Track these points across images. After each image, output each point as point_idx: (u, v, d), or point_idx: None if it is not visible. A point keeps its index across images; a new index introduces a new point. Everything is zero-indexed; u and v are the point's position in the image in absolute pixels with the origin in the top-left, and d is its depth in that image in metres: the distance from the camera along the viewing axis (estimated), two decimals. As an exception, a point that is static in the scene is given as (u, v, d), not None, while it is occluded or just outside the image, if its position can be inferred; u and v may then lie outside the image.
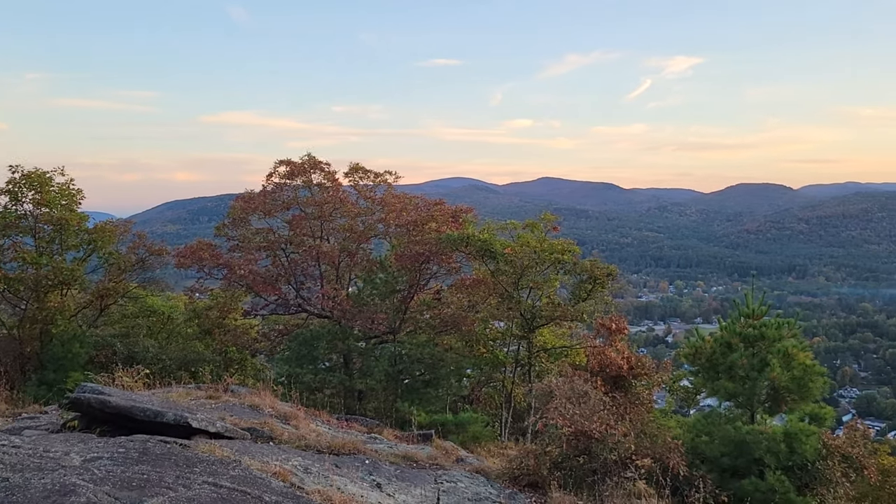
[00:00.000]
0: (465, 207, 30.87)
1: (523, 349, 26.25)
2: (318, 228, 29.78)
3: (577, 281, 25.68)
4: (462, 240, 24.86)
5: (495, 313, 26.74)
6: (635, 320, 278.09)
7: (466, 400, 28.38)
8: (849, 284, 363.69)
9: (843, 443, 14.12)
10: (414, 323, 28.41)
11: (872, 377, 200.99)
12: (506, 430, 24.04)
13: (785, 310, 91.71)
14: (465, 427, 20.43)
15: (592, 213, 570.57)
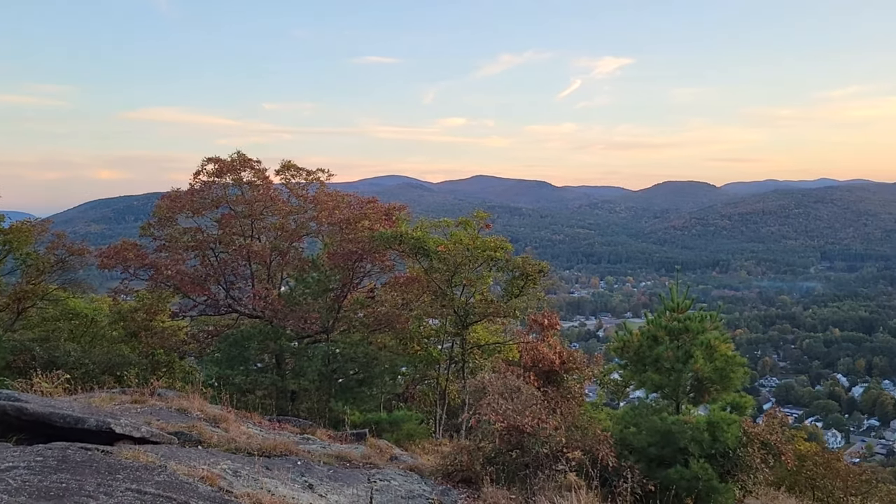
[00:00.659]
0: (399, 205, 30.81)
1: (457, 346, 26.41)
2: (249, 227, 29.22)
3: (509, 278, 25.97)
4: (395, 238, 24.81)
5: (429, 311, 26.81)
6: (568, 315, 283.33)
7: (401, 398, 28.36)
8: (768, 278, 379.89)
9: (762, 430, 14.73)
10: (348, 322, 28.21)
11: (791, 367, 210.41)
12: (440, 427, 24.15)
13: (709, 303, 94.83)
14: (400, 425, 20.42)
15: (526, 211, 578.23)
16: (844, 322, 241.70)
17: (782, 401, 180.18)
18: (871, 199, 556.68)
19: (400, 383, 29.16)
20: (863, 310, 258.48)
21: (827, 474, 22.26)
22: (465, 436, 19.27)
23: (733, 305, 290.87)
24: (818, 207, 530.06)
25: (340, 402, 22.58)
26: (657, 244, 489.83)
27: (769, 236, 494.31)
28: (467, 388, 17.28)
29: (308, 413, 24.56)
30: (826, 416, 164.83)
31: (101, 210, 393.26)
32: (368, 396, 24.62)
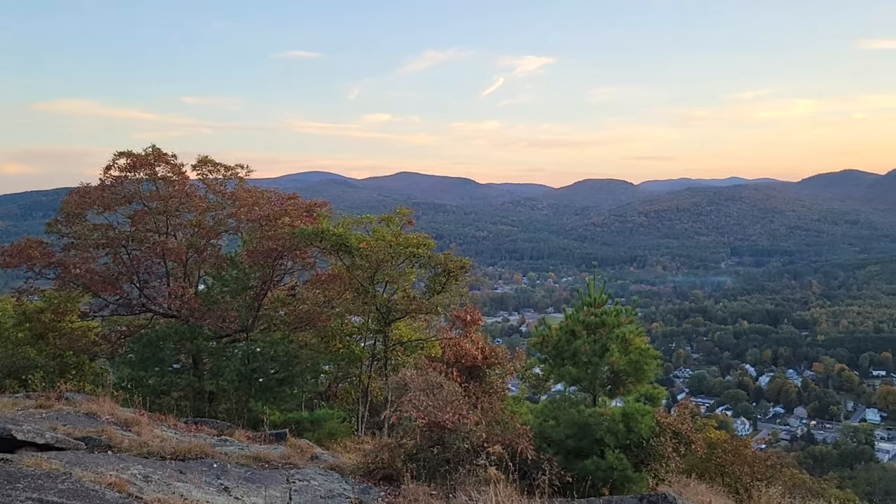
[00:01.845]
0: (321, 202, 30.40)
1: (380, 343, 26.30)
2: (164, 224, 28.22)
3: (432, 274, 26.03)
4: (316, 234, 24.48)
5: (351, 308, 26.58)
6: (491, 311, 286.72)
7: (323, 397, 28.05)
8: (682, 273, 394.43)
9: (674, 420, 15.25)
10: (268, 320, 27.67)
11: (703, 358, 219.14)
12: (363, 425, 24.00)
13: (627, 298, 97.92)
14: (322, 424, 20.19)
15: (450, 208, 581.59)
16: (752, 314, 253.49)
17: (695, 391, 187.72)
18: (776, 198, 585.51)
19: (322, 382, 28.82)
20: (769, 303, 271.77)
21: (735, 461, 23.15)
22: (388, 433, 19.21)
23: (649, 300, 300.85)
24: (728, 205, 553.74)
25: (260, 402, 22.13)
26: (578, 241, 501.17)
27: (683, 233, 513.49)
28: (389, 385, 17.24)
29: (226, 414, 23.97)
30: (735, 405, 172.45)
31: (6, 206, 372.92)
32: (289, 396, 24.23)
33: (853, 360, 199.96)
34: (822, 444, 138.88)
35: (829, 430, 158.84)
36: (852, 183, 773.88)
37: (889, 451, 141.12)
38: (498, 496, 10.38)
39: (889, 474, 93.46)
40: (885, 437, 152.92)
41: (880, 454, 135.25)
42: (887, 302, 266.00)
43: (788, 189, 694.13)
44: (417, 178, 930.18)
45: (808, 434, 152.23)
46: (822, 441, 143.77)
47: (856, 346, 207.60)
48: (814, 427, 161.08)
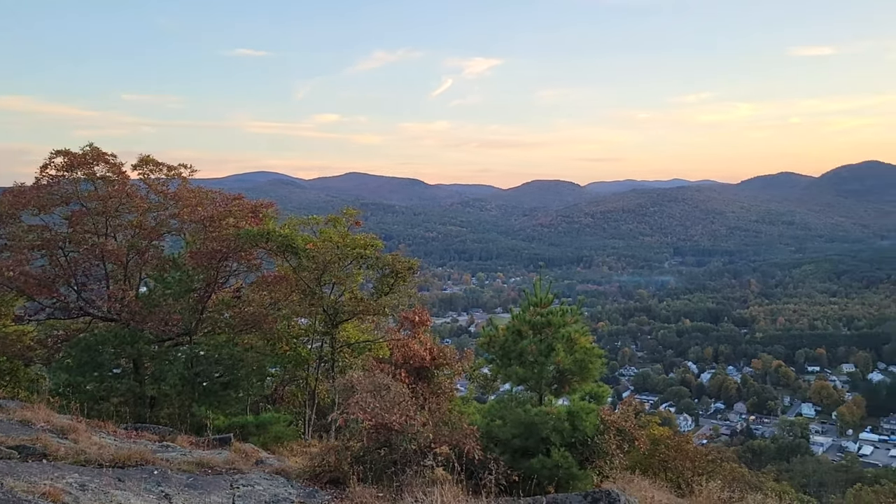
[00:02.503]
0: (266, 202, 29.96)
1: (327, 345, 26.08)
2: (103, 225, 27.40)
3: (379, 275, 25.95)
4: (262, 235, 24.15)
5: (298, 310, 26.29)
6: (440, 312, 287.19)
7: (269, 400, 27.66)
8: (628, 273, 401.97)
9: (618, 418, 15.50)
10: (212, 323, 27.14)
11: (647, 356, 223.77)
12: (310, 428, 23.77)
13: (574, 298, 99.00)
14: (267, 428, 19.92)
15: (399, 208, 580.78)
16: (694, 313, 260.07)
17: (640, 388, 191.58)
18: (717, 199, 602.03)
19: (268, 385, 28.42)
20: (710, 301, 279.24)
21: (678, 456, 23.74)
22: (335, 436, 19.08)
23: (596, 299, 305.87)
24: (671, 206, 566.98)
25: (204, 407, 21.69)
26: (526, 241, 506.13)
27: (628, 233, 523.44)
28: (336, 387, 17.11)
29: (169, 419, 23.44)
30: (678, 402, 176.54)
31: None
32: (234, 399, 23.83)
33: (790, 357, 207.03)
34: (760, 438, 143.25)
35: (767, 424, 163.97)
36: (788, 185, 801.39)
37: (823, 444, 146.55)
38: (443, 497, 10.41)
39: (823, 466, 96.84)
40: (819, 431, 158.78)
41: (815, 447, 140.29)
42: (821, 300, 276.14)
43: (728, 191, 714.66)
44: (366, 178, 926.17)
45: (748, 429, 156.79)
46: (761, 435, 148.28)
47: (792, 343, 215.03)
48: (753, 422, 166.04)
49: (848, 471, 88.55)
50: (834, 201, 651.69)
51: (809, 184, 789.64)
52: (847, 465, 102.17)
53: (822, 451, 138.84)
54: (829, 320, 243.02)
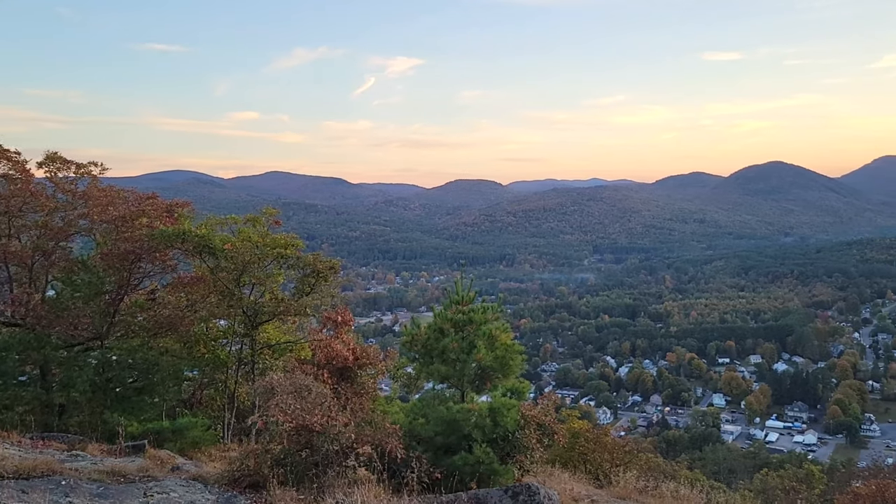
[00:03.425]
0: (182, 201, 29.02)
1: (247, 347, 25.53)
2: (6, 225, 25.95)
3: (300, 275, 25.57)
4: (177, 236, 23.40)
5: (216, 311, 25.60)
6: (364, 312, 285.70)
7: (187, 404, 26.82)
8: (549, 271, 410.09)
9: (538, 413, 15.80)
10: (125, 326, 26.09)
11: (568, 352, 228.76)
12: (229, 432, 23.22)
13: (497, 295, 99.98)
14: (184, 433, 19.33)
15: (322, 208, 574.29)
16: (613, 309, 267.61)
17: (561, 383, 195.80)
18: (633, 198, 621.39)
19: (185, 389, 27.56)
20: (628, 297, 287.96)
21: (596, 448, 24.39)
22: (255, 439, 18.72)
23: (518, 297, 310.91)
24: (590, 205, 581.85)
25: (116, 413, 20.85)
26: (450, 240, 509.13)
27: (549, 232, 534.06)
28: (256, 389, 16.78)
29: (79, 427, 22.40)
30: (598, 395, 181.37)
31: None
32: (149, 405, 22.99)
33: (702, 350, 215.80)
34: (675, 428, 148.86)
35: (681, 415, 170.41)
36: (699, 184, 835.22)
37: (733, 433, 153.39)
38: (363, 496, 10.38)
39: (733, 454, 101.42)
40: (729, 420, 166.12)
41: (725, 435, 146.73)
42: (730, 294, 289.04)
43: (644, 190, 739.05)
44: (288, 177, 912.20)
45: (663, 420, 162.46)
46: (675, 426, 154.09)
47: (704, 336, 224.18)
48: (668, 413, 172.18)
49: (755, 457, 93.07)
50: (741, 200, 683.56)
51: (719, 183, 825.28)
52: (755, 451, 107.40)
53: (732, 439, 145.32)
54: (737, 314, 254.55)
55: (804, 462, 71.52)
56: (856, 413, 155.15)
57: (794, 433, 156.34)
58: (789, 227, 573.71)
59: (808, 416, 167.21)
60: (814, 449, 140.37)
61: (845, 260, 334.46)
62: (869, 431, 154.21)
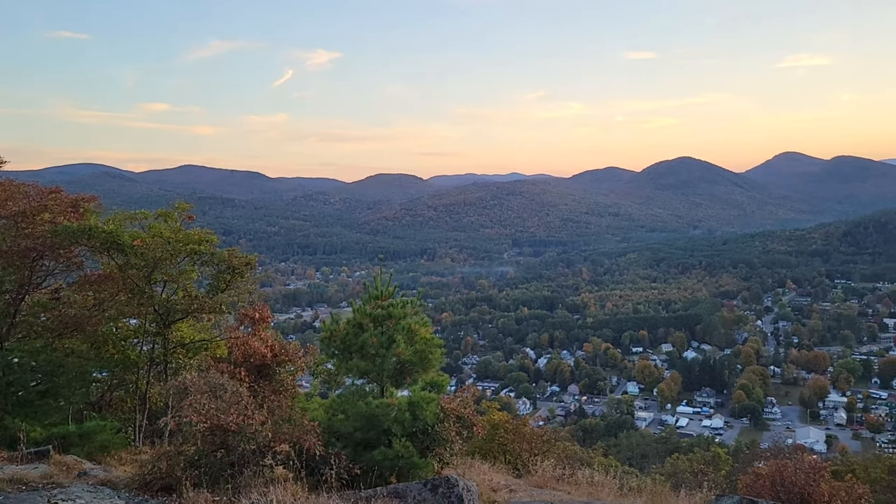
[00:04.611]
0: (89, 196, 27.74)
1: (159, 346, 24.72)
2: None
3: (215, 272, 24.92)
4: (83, 232, 22.38)
5: (126, 310, 24.64)
6: (284, 308, 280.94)
7: (95, 407, 25.75)
8: (469, 264, 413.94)
9: (457, 405, 15.98)
10: (27, 327, 24.79)
11: (489, 344, 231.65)
12: (140, 435, 22.45)
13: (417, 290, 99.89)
14: (92, 437, 18.57)
15: (239, 202, 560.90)
16: (532, 301, 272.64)
17: (482, 376, 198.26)
18: (551, 192, 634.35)
19: (93, 391, 26.45)
20: (546, 290, 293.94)
21: (516, 439, 24.81)
22: (168, 441, 18.17)
23: (440, 290, 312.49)
24: (510, 199, 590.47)
25: (18, 419, 19.83)
26: (371, 234, 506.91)
27: (469, 226, 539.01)
28: (169, 389, 16.30)
29: (-23, 435, 21.21)
30: (518, 387, 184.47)
31: None
32: (54, 409, 21.95)
33: (616, 339, 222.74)
34: (591, 416, 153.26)
35: (597, 403, 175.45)
36: (614, 179, 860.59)
37: (646, 419, 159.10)
38: (279, 496, 10.27)
39: (646, 439, 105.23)
40: (642, 407, 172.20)
41: (639, 422, 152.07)
42: (643, 286, 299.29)
43: (561, 184, 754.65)
44: (203, 171, 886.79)
45: (580, 409, 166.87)
46: (592, 414, 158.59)
47: (619, 327, 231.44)
48: (584, 402, 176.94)
49: (667, 442, 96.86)
50: (653, 194, 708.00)
51: (632, 178, 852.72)
52: (666, 436, 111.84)
53: (645, 425, 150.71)
54: (650, 304, 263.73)
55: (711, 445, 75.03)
56: (759, 397, 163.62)
57: (703, 418, 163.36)
58: (698, 220, 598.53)
59: (716, 400, 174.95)
60: (721, 432, 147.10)
61: (749, 251, 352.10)
62: (771, 414, 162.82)
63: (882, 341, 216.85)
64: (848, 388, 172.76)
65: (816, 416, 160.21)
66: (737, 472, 28.99)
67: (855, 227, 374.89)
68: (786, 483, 14.92)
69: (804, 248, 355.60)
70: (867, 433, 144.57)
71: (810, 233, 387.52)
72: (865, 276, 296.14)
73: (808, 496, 14.54)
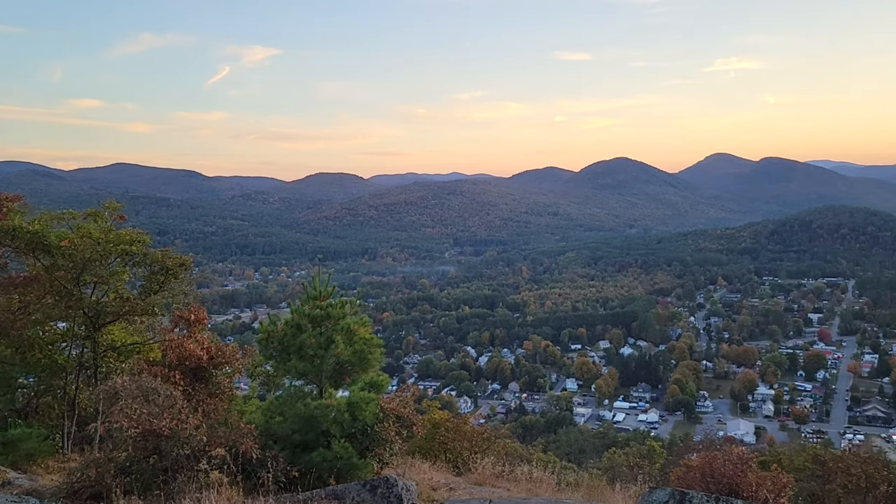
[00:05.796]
0: (12, 195, 26.58)
1: (88, 350, 23.90)
2: None
3: (148, 273, 24.23)
4: (6, 232, 21.47)
5: (53, 313, 23.72)
6: (222, 309, 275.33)
7: (20, 414, 24.74)
8: (411, 264, 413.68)
9: (396, 405, 15.98)
10: (-55, 333, 23.67)
11: (430, 343, 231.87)
12: (69, 442, 21.68)
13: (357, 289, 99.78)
14: (17, 445, 17.88)
15: (175, 202, 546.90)
16: (473, 300, 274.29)
17: (424, 375, 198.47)
18: (492, 192, 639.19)
19: (19, 397, 25.41)
20: (487, 289, 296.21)
21: (456, 437, 24.89)
22: (98, 447, 17.62)
23: (381, 290, 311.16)
24: (451, 199, 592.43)
25: (-64, 429, 18.93)
26: (311, 234, 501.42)
27: (411, 225, 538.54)
28: (99, 394, 15.80)
29: None
30: (459, 385, 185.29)
31: None
32: (-24, 417, 21.03)
33: (556, 337, 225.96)
34: (531, 413, 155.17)
35: (537, 400, 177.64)
36: (553, 179, 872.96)
37: (584, 415, 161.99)
38: (212, 501, 10.09)
39: (584, 435, 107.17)
40: (581, 403, 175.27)
41: (577, 418, 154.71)
42: (582, 284, 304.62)
43: (502, 184, 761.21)
44: (137, 169, 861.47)
45: (521, 406, 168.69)
46: (532, 411, 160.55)
47: (558, 324, 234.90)
48: (525, 399, 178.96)
49: (604, 437, 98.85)
50: (591, 194, 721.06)
51: (571, 178, 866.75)
52: (604, 431, 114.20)
53: (583, 420, 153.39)
54: (588, 302, 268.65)
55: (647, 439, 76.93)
56: (692, 391, 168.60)
57: (639, 412, 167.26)
58: (634, 220, 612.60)
59: (651, 395, 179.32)
60: (656, 426, 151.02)
61: (682, 249, 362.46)
62: (703, 407, 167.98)
63: (807, 335, 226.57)
64: (775, 380, 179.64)
65: (746, 408, 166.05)
66: (671, 465, 29.80)
67: (781, 225, 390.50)
68: (715, 474, 15.46)
69: (734, 246, 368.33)
70: (793, 424, 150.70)
71: (740, 231, 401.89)
72: (791, 272, 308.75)
73: (736, 486, 15.09)
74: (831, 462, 23.32)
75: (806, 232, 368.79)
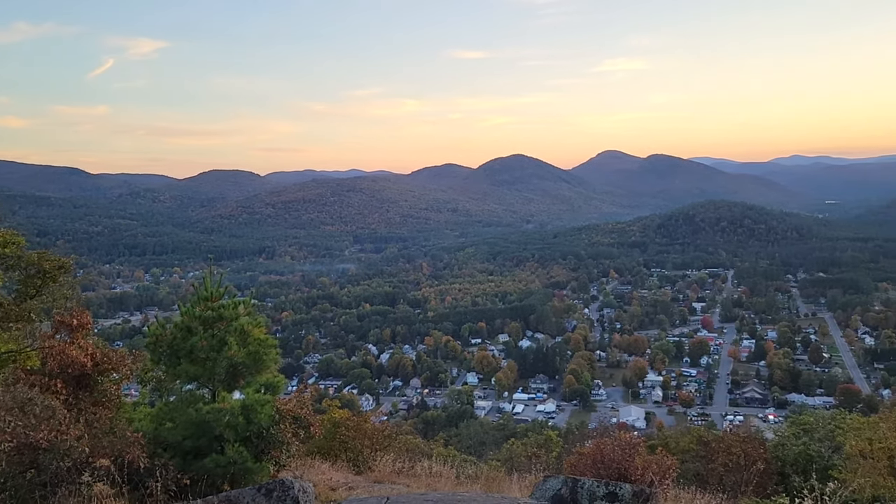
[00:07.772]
0: None
1: (-43, 361, 22.25)
2: None
3: (24, 276, 22.80)
4: None
5: (-85, 323, 21.98)
6: (109, 313, 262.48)
7: None
8: (310, 262, 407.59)
9: (293, 406, 15.74)
10: None
11: (331, 342, 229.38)
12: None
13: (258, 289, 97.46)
14: None
15: (55, 200, 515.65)
16: (374, 297, 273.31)
17: (324, 374, 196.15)
18: (391, 188, 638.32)
19: None
20: (387, 286, 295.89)
21: (357, 436, 24.78)
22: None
23: (280, 289, 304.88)
24: (350, 196, 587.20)
25: None
26: (205, 233, 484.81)
27: (309, 223, 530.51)
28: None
29: None
30: (361, 383, 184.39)
31: None
32: None
33: (456, 332, 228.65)
34: (433, 408, 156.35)
35: (438, 395, 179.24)
36: (452, 175, 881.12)
37: (485, 408, 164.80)
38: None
39: (485, 427, 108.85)
40: (482, 396, 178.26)
41: (479, 411, 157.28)
42: (481, 279, 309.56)
43: (401, 181, 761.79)
44: (13, 166, 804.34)
45: (422, 401, 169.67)
46: (434, 406, 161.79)
47: (458, 319, 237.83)
48: (426, 395, 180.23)
49: (504, 428, 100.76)
50: (489, 190, 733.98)
51: (469, 174, 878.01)
52: (504, 423, 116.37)
53: (484, 413, 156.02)
54: (487, 297, 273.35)
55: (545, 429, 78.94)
56: (587, 381, 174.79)
57: (537, 403, 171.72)
58: (530, 215, 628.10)
59: (549, 386, 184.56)
60: (553, 416, 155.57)
61: (577, 244, 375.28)
62: (598, 396, 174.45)
63: (691, 324, 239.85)
64: (663, 367, 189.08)
65: (637, 395, 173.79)
66: (566, 454, 30.83)
67: (668, 220, 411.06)
68: (605, 460, 16.20)
69: (625, 239, 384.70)
70: (680, 408, 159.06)
71: (630, 226, 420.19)
72: (677, 264, 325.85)
73: (624, 470, 15.85)
74: (714, 443, 24.89)
75: (689, 225, 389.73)
